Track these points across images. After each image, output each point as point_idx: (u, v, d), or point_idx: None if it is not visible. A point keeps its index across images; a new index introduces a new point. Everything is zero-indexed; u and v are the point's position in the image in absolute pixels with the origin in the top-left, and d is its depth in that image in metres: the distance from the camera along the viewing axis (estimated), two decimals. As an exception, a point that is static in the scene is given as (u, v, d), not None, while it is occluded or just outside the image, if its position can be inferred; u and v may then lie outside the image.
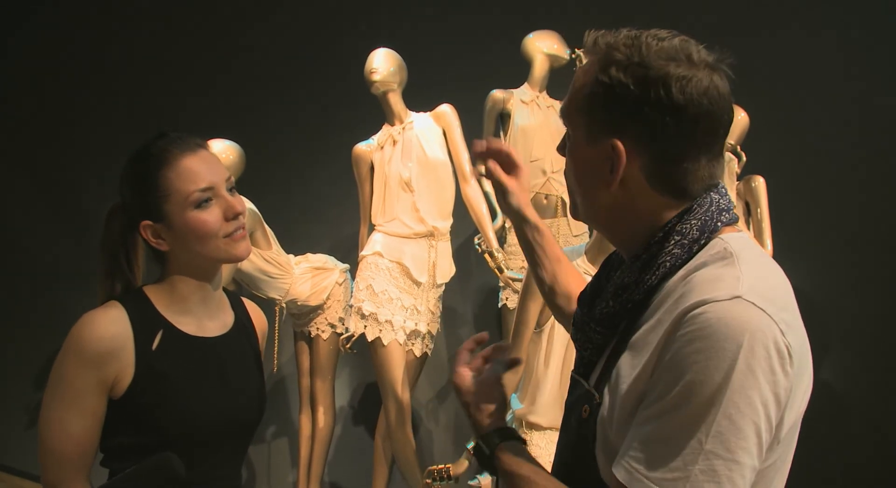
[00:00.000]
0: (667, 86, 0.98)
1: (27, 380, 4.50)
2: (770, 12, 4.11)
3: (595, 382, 1.08)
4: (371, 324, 3.45)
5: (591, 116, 1.04)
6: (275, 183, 4.30)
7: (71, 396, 1.41)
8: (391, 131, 3.61)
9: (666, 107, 0.98)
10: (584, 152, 1.06)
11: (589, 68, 1.05)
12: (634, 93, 0.99)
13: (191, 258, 1.51)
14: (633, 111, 1.00)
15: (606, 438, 1.01)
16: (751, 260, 0.99)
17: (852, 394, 3.83)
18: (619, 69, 1.00)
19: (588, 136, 1.05)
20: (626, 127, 1.01)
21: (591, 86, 1.03)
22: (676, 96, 0.98)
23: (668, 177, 1.03)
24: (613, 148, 1.01)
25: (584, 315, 1.13)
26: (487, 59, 4.25)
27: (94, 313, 1.46)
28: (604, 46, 1.03)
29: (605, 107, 1.02)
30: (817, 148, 4.03)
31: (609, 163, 1.03)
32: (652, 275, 1.02)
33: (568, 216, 3.86)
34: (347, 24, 4.49)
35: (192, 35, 4.58)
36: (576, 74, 1.08)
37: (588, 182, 1.07)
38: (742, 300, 0.92)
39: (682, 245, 1.02)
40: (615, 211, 1.07)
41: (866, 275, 3.96)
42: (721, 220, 1.03)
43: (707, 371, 0.90)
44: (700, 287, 0.96)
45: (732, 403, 0.89)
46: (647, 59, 0.99)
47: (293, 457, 4.33)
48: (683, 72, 0.98)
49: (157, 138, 1.52)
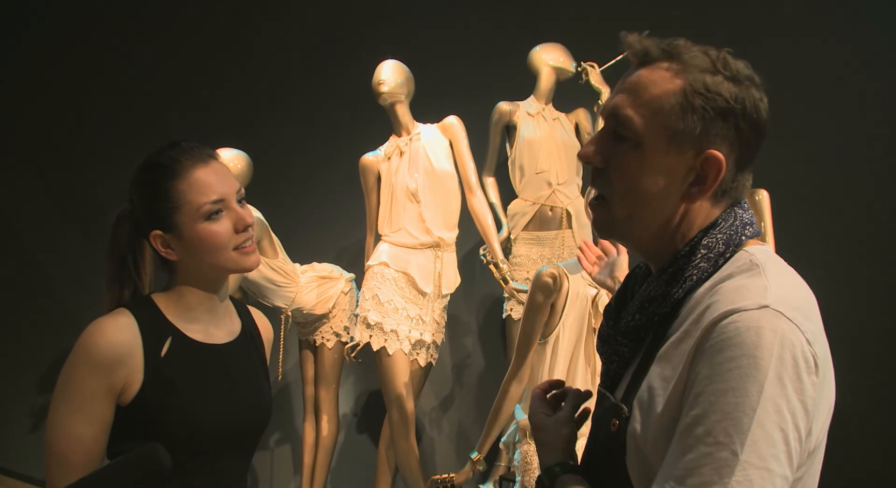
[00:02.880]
0: (755, 103, 1.02)
1: (31, 384, 4.50)
2: (772, 20, 4.12)
3: (622, 396, 1.07)
4: (376, 333, 3.46)
5: (681, 123, 1.01)
6: (282, 192, 4.32)
7: (79, 402, 1.41)
8: (398, 142, 3.64)
9: (753, 122, 1.02)
10: (662, 160, 1.03)
11: (666, 75, 1.03)
12: (730, 106, 1.01)
13: (200, 268, 1.52)
14: (731, 124, 1.02)
15: (639, 451, 1.01)
16: (776, 271, 1.01)
17: (857, 406, 3.82)
18: (715, 80, 1.01)
19: (671, 144, 1.02)
20: (718, 138, 1.02)
21: (680, 94, 1.01)
22: (762, 114, 1.03)
23: (733, 190, 1.06)
24: (710, 158, 1.02)
25: (611, 328, 1.13)
26: (494, 71, 4.27)
27: (103, 320, 1.46)
28: (682, 54, 1.04)
29: (701, 116, 1.01)
30: (820, 160, 4.03)
31: (693, 172, 1.03)
32: (679, 289, 1.04)
33: (573, 227, 3.87)
34: (355, 36, 4.52)
35: (200, 43, 4.60)
36: (644, 78, 1.04)
37: (657, 191, 1.04)
38: (770, 309, 0.93)
39: (708, 258, 1.03)
40: (668, 223, 1.06)
41: (871, 287, 3.95)
42: (745, 234, 1.05)
43: (740, 381, 0.90)
44: (727, 297, 0.97)
45: (763, 412, 0.89)
46: (736, 74, 1.02)
47: (296, 465, 4.33)
48: (758, 92, 1.03)
49: (168, 147, 1.51)
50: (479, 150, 3.81)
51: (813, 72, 4.03)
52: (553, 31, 4.07)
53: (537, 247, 3.89)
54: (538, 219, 3.90)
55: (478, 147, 3.79)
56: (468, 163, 3.62)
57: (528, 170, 3.90)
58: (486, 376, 4.38)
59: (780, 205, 3.72)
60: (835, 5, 4.14)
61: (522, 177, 3.92)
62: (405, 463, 3.51)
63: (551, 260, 3.81)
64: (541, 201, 3.88)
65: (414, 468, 3.50)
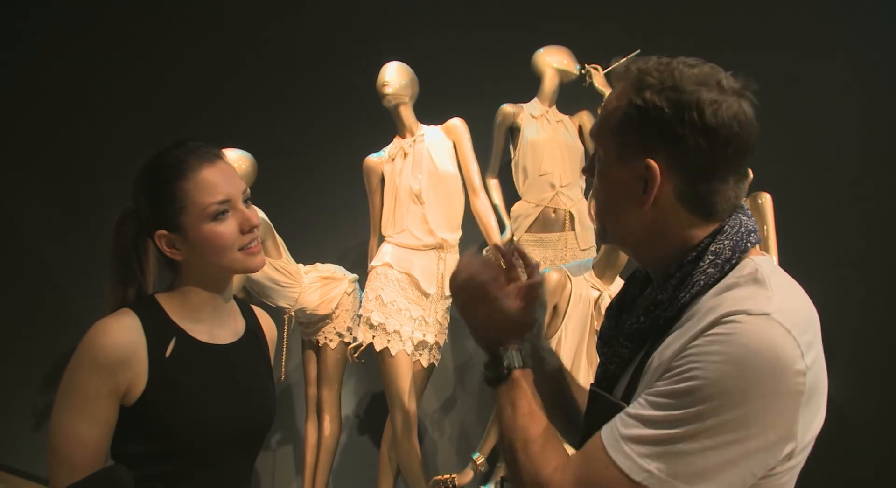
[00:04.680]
0: (700, 109, 1.03)
1: (34, 383, 4.50)
2: (773, 27, 4.13)
3: (621, 396, 1.09)
4: (379, 334, 3.47)
5: (624, 138, 1.07)
6: (286, 192, 4.33)
7: (83, 403, 1.41)
8: (402, 144, 3.65)
9: (699, 129, 1.03)
10: (616, 173, 1.09)
11: (622, 92, 1.09)
12: (668, 115, 1.03)
13: (205, 268, 1.51)
14: (667, 132, 1.04)
15: None
16: (781, 284, 1.02)
17: (856, 408, 3.82)
18: (654, 93, 1.04)
19: (620, 157, 1.08)
20: (659, 148, 1.05)
21: (624, 108, 1.07)
22: (709, 119, 1.03)
23: (699, 197, 1.07)
24: (647, 167, 1.05)
25: (613, 329, 1.15)
26: (498, 73, 4.27)
27: (107, 320, 1.45)
28: (636, 71, 1.08)
29: (639, 128, 1.05)
30: (824, 164, 4.03)
31: (642, 183, 1.06)
32: (686, 293, 1.05)
33: (576, 230, 3.88)
34: (360, 37, 4.52)
35: (204, 43, 4.60)
36: (607, 98, 1.12)
37: (619, 202, 1.10)
38: (771, 318, 0.95)
39: (715, 264, 1.05)
40: (644, 231, 1.09)
41: (873, 292, 3.95)
42: (750, 241, 1.08)
43: (719, 372, 0.92)
44: (732, 300, 0.99)
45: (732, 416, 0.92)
46: (679, 83, 1.04)
47: (298, 465, 4.33)
48: (714, 96, 1.03)
49: (173, 147, 1.50)
50: (482, 152, 3.81)
51: (816, 78, 4.04)
52: (557, 33, 4.07)
53: (540, 249, 3.90)
54: (541, 222, 3.90)
55: (481, 149, 3.79)
56: (472, 164, 3.63)
57: (532, 173, 3.91)
58: (489, 377, 4.37)
59: (782, 209, 3.72)
60: (840, 13, 4.14)
61: (526, 179, 3.93)
62: (407, 463, 3.51)
63: (554, 262, 3.82)
64: (544, 203, 3.89)
65: (416, 468, 3.50)
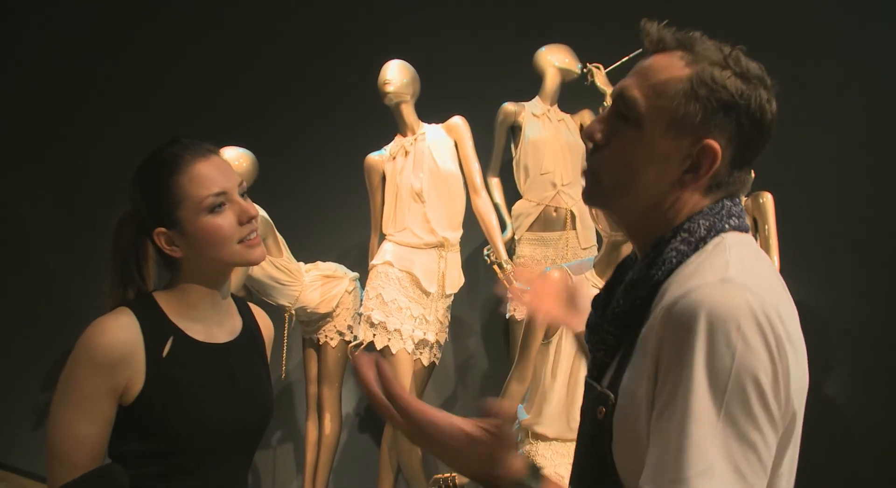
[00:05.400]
0: (760, 104, 1.04)
1: (34, 381, 4.50)
2: (774, 28, 4.12)
3: (608, 383, 1.08)
4: (380, 332, 3.47)
5: (683, 109, 1.03)
6: (286, 191, 4.32)
7: (80, 402, 1.40)
8: (403, 142, 3.64)
9: (756, 120, 1.04)
10: (659, 143, 1.05)
11: (677, 63, 1.05)
12: (738, 102, 1.03)
13: (204, 264, 1.51)
14: (731, 118, 1.03)
15: (623, 438, 1.02)
16: (743, 253, 1.02)
17: (857, 409, 3.82)
18: (723, 74, 1.03)
19: (670, 128, 1.04)
20: (716, 129, 1.03)
21: (686, 81, 1.04)
22: (767, 115, 1.04)
23: (729, 185, 1.07)
24: (706, 147, 1.03)
25: (598, 317, 1.14)
26: (499, 71, 4.27)
27: (105, 319, 1.45)
28: (696, 46, 1.06)
29: (703, 105, 1.03)
30: (825, 163, 4.02)
31: (688, 160, 1.05)
32: (658, 271, 1.04)
33: (577, 229, 3.87)
34: (361, 35, 4.52)
35: (204, 42, 4.60)
36: (656, 63, 1.07)
37: (648, 172, 1.06)
38: (732, 283, 0.95)
39: (688, 242, 1.04)
40: (653, 208, 1.08)
41: (874, 291, 3.95)
42: (729, 224, 1.06)
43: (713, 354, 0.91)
44: (687, 276, 0.99)
45: (737, 382, 0.91)
46: (747, 72, 1.04)
47: (298, 463, 4.33)
48: (767, 94, 1.05)
49: (168, 144, 1.51)
50: (483, 151, 3.81)
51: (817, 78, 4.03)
52: (559, 32, 4.07)
53: (541, 248, 3.89)
54: (542, 220, 3.90)
55: (482, 147, 3.79)
56: (473, 163, 3.63)
57: (533, 171, 3.90)
58: (489, 376, 4.38)
59: (783, 208, 3.72)
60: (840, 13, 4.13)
61: (527, 177, 3.92)
62: (407, 462, 3.51)
63: (555, 261, 3.81)
64: (545, 202, 3.89)
65: (416, 467, 3.50)
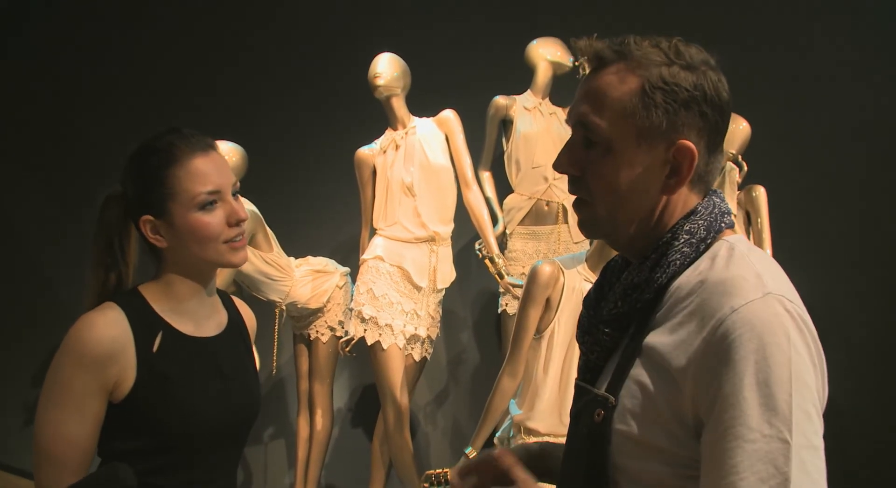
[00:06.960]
0: (714, 85, 1.03)
1: (26, 378, 4.48)
2: (769, 21, 4.12)
3: (607, 386, 1.06)
4: (371, 327, 3.45)
5: (646, 121, 1.02)
6: (277, 185, 4.31)
7: (69, 400, 1.38)
8: (394, 136, 3.62)
9: (717, 106, 1.03)
10: (634, 159, 1.04)
11: (623, 75, 1.04)
12: (690, 94, 1.02)
13: (187, 258, 1.49)
14: (693, 111, 1.02)
15: (626, 442, 1.01)
16: (760, 259, 1.02)
17: (856, 406, 3.82)
18: (671, 72, 1.02)
19: (640, 142, 1.03)
20: (684, 127, 1.03)
21: (639, 91, 1.02)
22: (722, 95, 1.03)
23: (707, 174, 1.07)
24: (681, 148, 1.02)
25: (591, 317, 1.12)
26: (491, 65, 4.26)
27: (93, 315, 1.43)
28: (634, 52, 1.04)
29: (664, 109, 1.02)
30: (818, 157, 4.03)
31: (667, 165, 1.04)
32: (662, 274, 1.04)
33: (569, 223, 3.86)
34: (351, 28, 4.50)
35: (195, 36, 4.58)
36: (602, 82, 1.06)
37: (636, 188, 1.05)
38: (772, 295, 0.95)
39: (690, 244, 1.04)
40: (649, 216, 1.07)
41: (867, 285, 3.96)
42: (724, 222, 1.06)
43: (769, 372, 0.91)
44: (725, 290, 0.97)
45: (799, 395, 0.91)
46: (691, 61, 1.03)
47: (290, 459, 4.32)
48: (716, 74, 1.04)
49: (168, 133, 1.49)
50: (475, 145, 3.80)
51: (810, 72, 4.03)
52: (550, 25, 4.06)
53: (533, 242, 3.88)
54: (534, 214, 3.89)
55: (474, 141, 3.78)
56: (464, 157, 3.62)
57: (525, 165, 3.89)
58: (481, 371, 4.37)
59: (777, 202, 3.72)
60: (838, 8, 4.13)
61: (518, 171, 3.91)
62: (399, 457, 3.50)
63: (547, 254, 3.81)
64: (537, 196, 3.87)
65: (408, 463, 3.49)
